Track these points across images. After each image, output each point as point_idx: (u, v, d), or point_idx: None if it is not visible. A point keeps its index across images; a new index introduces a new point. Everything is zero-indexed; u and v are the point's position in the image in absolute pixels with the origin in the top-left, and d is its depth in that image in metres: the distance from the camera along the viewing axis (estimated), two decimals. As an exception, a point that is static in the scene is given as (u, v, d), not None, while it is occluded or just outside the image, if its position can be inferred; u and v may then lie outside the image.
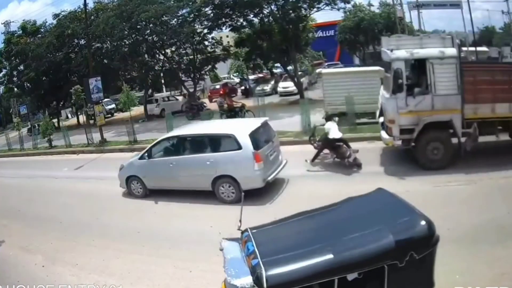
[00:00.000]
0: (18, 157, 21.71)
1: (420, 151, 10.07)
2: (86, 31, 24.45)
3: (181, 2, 26.19)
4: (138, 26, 26.51)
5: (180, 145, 9.82)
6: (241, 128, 9.29)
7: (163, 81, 35.25)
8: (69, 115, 38.31)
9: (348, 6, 28.72)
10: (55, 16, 30.06)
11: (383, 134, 10.67)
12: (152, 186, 10.15)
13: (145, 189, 10.22)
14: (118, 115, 31.91)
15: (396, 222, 3.72)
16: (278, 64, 32.39)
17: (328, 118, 11.77)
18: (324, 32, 38.92)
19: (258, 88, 30.27)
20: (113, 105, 34.00)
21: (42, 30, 31.60)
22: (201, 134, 9.87)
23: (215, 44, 29.93)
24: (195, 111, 22.78)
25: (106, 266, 7.22)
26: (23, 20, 32.37)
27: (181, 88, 36.30)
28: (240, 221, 4.30)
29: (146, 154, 10.18)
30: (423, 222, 3.67)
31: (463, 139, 9.99)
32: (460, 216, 7.06)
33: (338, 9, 26.99)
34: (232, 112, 17.93)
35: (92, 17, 27.65)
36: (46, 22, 31.72)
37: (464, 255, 5.86)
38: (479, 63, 13.13)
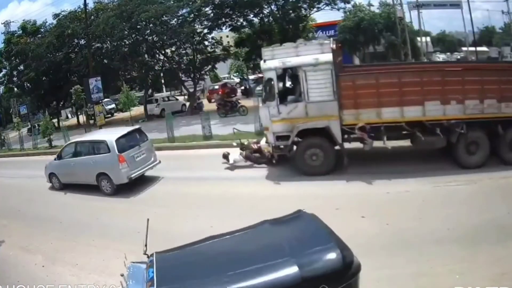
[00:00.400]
0: (18, 157, 21.71)
1: (298, 157, 10.27)
2: (86, 31, 24.51)
3: (181, 2, 26.19)
4: (138, 26, 26.52)
5: (76, 149, 12.08)
6: (111, 135, 11.45)
7: (163, 81, 35.28)
8: (69, 115, 38.33)
9: (348, 6, 28.87)
10: (55, 16, 30.16)
11: (262, 141, 11.05)
12: (64, 181, 12.43)
13: (60, 183, 12.54)
14: (118, 115, 31.92)
15: (307, 252, 3.48)
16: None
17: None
18: (324, 32, 38.86)
19: (258, 88, 30.19)
20: (113, 105, 34.02)
21: (42, 30, 31.63)
22: (88, 140, 12.30)
23: (215, 44, 29.93)
24: (228, 108, 22.14)
25: (106, 266, 7.21)
26: (23, 20, 32.49)
27: (181, 88, 36.28)
28: (146, 245, 4.27)
29: (57, 156, 12.67)
30: (335, 254, 3.40)
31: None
32: (460, 216, 7.05)
33: (338, 9, 27.14)
34: None
35: (92, 17, 27.70)
36: (46, 22, 31.84)
37: (464, 255, 5.86)
38: (359, 67, 12.88)
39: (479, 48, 32.84)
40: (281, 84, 10.95)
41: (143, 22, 26.12)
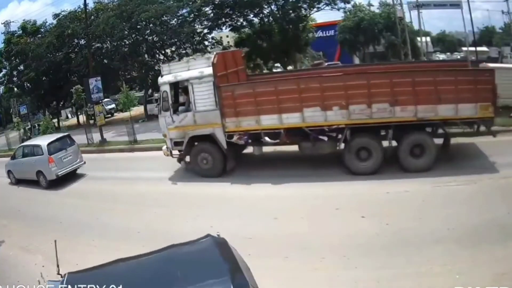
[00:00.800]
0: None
1: (192, 160, 11.42)
2: (86, 31, 24.47)
3: (181, 2, 26.18)
4: (138, 26, 26.52)
5: (24, 151, 14.32)
6: (45, 141, 13.77)
7: (163, 81, 35.20)
8: (69, 115, 38.29)
9: (348, 6, 28.86)
10: (55, 16, 30.11)
11: (164, 146, 12.00)
12: (18, 177, 14.55)
13: (15, 179, 14.71)
14: (118, 115, 31.85)
15: (199, 284, 3.47)
16: (278, 64, 32.38)
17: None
18: (324, 32, 38.84)
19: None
20: (113, 105, 33.95)
21: (42, 30, 31.57)
22: (30, 144, 14.58)
23: (215, 44, 29.89)
24: None
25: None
26: (23, 20, 32.40)
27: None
28: (58, 266, 4.42)
29: (11, 157, 15.04)
30: None
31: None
32: (460, 216, 7.06)
33: (338, 9, 27.13)
34: None
35: (92, 17, 27.66)
36: (46, 22, 31.76)
37: (464, 255, 5.87)
38: (260, 76, 13.96)
39: (479, 48, 32.76)
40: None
41: (143, 22, 26.11)
